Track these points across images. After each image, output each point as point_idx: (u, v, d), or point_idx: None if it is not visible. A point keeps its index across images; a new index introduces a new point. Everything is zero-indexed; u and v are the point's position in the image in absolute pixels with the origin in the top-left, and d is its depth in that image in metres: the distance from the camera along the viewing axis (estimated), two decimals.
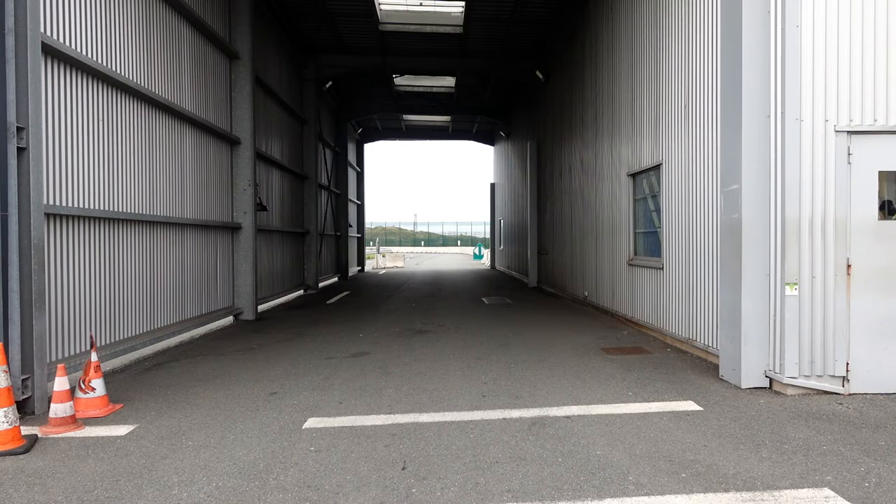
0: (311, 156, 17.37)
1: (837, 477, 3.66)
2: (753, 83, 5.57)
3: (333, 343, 8.47)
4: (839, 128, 5.36)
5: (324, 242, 19.88)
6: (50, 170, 5.83)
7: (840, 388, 5.40)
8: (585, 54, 12.47)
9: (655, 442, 4.28)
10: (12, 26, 4.90)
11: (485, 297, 15.13)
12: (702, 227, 7.08)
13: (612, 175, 10.72)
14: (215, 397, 5.61)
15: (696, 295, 7.24)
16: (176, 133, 8.75)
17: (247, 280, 11.15)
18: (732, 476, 3.68)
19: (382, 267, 32.99)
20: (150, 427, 4.74)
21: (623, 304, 10.10)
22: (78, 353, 6.20)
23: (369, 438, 4.42)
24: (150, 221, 7.84)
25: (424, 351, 7.80)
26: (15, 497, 3.50)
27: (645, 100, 9.02)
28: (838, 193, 5.36)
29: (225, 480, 3.70)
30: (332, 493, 3.50)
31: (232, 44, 11.03)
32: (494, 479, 3.68)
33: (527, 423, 4.72)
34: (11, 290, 4.91)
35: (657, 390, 5.68)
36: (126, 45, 7.35)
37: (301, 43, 16.79)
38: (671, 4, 8.01)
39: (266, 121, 13.53)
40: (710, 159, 6.84)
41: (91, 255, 6.54)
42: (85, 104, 6.47)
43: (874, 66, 5.40)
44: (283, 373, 6.60)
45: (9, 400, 4.24)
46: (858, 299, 5.38)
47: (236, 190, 11.15)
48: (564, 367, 6.69)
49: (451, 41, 17.33)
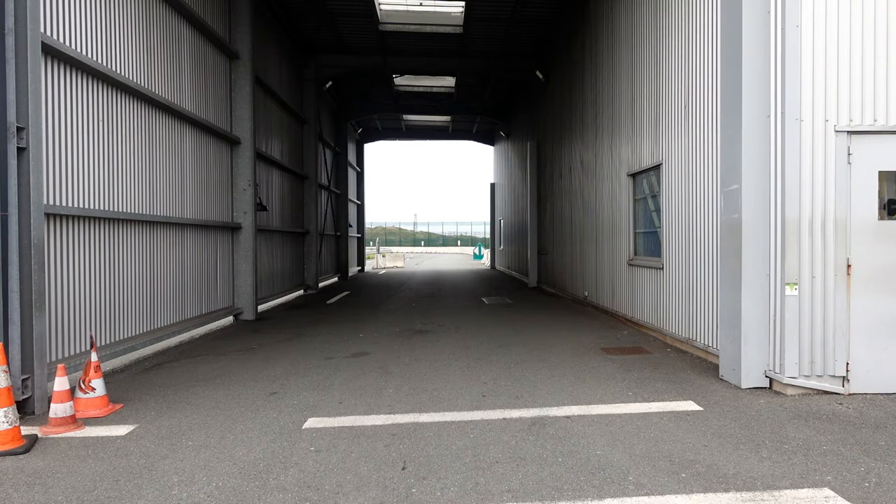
0: (311, 156, 17.37)
1: (837, 477, 3.66)
2: (753, 83, 5.57)
3: (333, 343, 8.47)
4: (839, 128, 5.36)
5: (324, 242, 19.88)
6: (50, 170, 5.84)
7: (840, 388, 5.40)
8: (585, 54, 12.47)
9: (655, 442, 4.28)
10: (12, 26, 4.91)
11: (485, 297, 15.13)
12: (702, 227, 7.08)
13: (612, 175, 10.73)
14: (215, 397, 5.61)
15: (696, 295, 7.24)
16: (176, 133, 8.75)
17: (247, 280, 11.15)
18: (732, 476, 3.68)
19: (382, 267, 32.99)
20: (150, 427, 4.74)
21: (623, 304, 10.10)
22: (78, 353, 6.20)
23: (369, 438, 4.42)
24: (150, 221, 7.84)
25: (424, 351, 7.80)
26: (15, 497, 3.50)
27: (645, 99, 9.02)
28: (838, 193, 5.36)
29: (225, 480, 3.70)
30: (332, 493, 3.50)
31: (232, 44, 11.03)
32: (494, 479, 3.68)
33: (527, 423, 4.72)
34: (11, 290, 4.91)
35: (657, 390, 5.68)
36: (126, 45, 7.35)
37: (301, 43, 16.79)
38: (671, 4, 8.00)
39: (266, 121, 13.53)
40: (710, 159, 6.84)
41: (91, 255, 6.54)
42: (85, 104, 6.47)
43: (874, 65, 5.40)
44: (283, 373, 6.60)
45: (9, 400, 4.24)
46: (858, 299, 5.38)
47: (236, 190, 11.15)
48: (564, 367, 6.70)
49: (451, 41, 17.34)
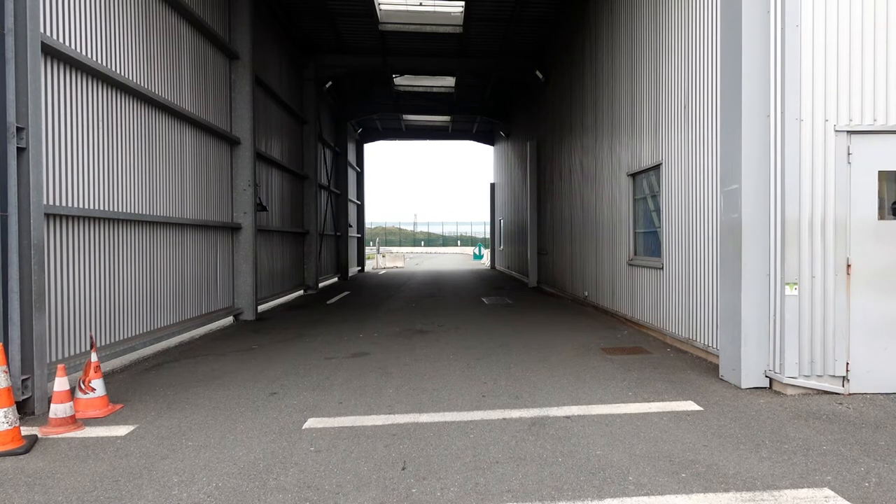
0: (311, 156, 17.37)
1: (837, 477, 3.66)
2: (753, 83, 5.57)
3: (333, 343, 8.47)
4: (839, 127, 5.36)
5: (324, 242, 19.88)
6: (50, 170, 5.83)
7: (840, 387, 5.39)
8: (585, 54, 12.47)
9: (655, 442, 4.28)
10: (12, 26, 4.90)
11: (485, 297, 15.13)
12: (702, 227, 7.08)
13: (611, 175, 10.72)
14: (215, 397, 5.61)
15: (695, 295, 7.24)
16: (176, 133, 8.75)
17: (247, 280, 11.15)
18: (732, 476, 3.68)
19: (382, 267, 32.99)
20: (150, 427, 4.74)
21: (623, 304, 10.10)
22: (78, 353, 6.20)
23: (369, 438, 4.42)
24: (150, 222, 7.84)
25: (424, 351, 7.80)
26: (15, 497, 3.50)
27: (645, 99, 9.02)
28: (838, 193, 5.36)
29: (225, 481, 3.70)
30: (332, 493, 3.50)
31: (232, 44, 11.03)
32: (494, 479, 3.68)
33: (527, 423, 4.72)
34: (11, 291, 4.91)
35: (657, 390, 5.68)
36: (126, 45, 7.35)
37: (301, 43, 16.78)
38: (671, 4, 8.00)
39: (266, 121, 13.53)
40: (710, 159, 6.84)
41: (91, 255, 6.54)
42: (84, 104, 6.47)
43: (874, 65, 5.40)
44: (283, 373, 6.60)
45: (9, 400, 4.24)
46: (858, 299, 5.38)
47: (236, 190, 11.15)
48: (564, 368, 6.70)
49: (450, 41, 17.33)
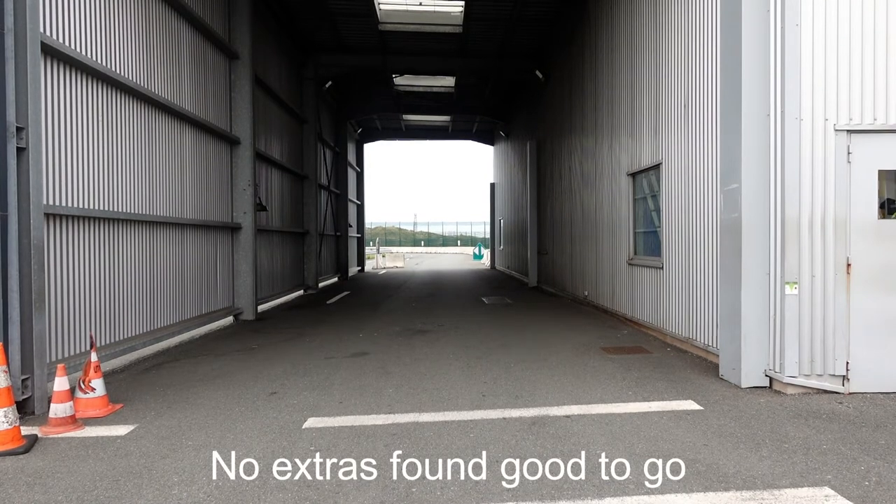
0: (310, 156, 17.36)
1: (837, 476, 3.66)
2: (753, 82, 5.57)
3: (333, 343, 8.47)
4: (839, 127, 5.35)
5: (324, 242, 19.87)
6: (50, 170, 5.83)
7: (840, 387, 5.39)
8: (585, 53, 12.47)
9: (655, 441, 4.27)
10: (12, 26, 4.90)
11: (485, 296, 15.13)
12: (702, 226, 7.08)
13: (611, 174, 10.72)
14: (215, 397, 5.61)
15: (695, 294, 7.24)
16: (175, 133, 8.74)
17: (247, 280, 11.15)
18: (732, 475, 3.68)
19: (382, 267, 32.98)
20: (150, 427, 4.74)
21: (623, 304, 10.10)
22: (78, 353, 6.19)
23: (369, 438, 4.42)
24: (150, 221, 7.84)
25: (424, 351, 7.80)
26: (15, 497, 3.50)
27: (645, 99, 9.02)
28: (838, 192, 5.35)
29: (225, 480, 3.70)
30: (332, 493, 3.50)
31: (231, 43, 11.02)
32: (494, 478, 3.68)
33: (527, 423, 4.72)
34: (11, 290, 4.91)
35: (657, 390, 5.68)
36: (125, 44, 7.35)
37: (301, 42, 16.78)
38: (671, 3, 8.00)
39: (266, 120, 13.52)
40: (710, 158, 6.84)
41: (91, 255, 6.53)
42: (84, 104, 6.47)
43: (874, 64, 5.40)
44: (283, 373, 6.60)
45: (9, 400, 4.24)
46: (858, 298, 5.37)
47: (236, 190, 11.15)
48: (564, 367, 6.69)
49: (450, 41, 17.33)
